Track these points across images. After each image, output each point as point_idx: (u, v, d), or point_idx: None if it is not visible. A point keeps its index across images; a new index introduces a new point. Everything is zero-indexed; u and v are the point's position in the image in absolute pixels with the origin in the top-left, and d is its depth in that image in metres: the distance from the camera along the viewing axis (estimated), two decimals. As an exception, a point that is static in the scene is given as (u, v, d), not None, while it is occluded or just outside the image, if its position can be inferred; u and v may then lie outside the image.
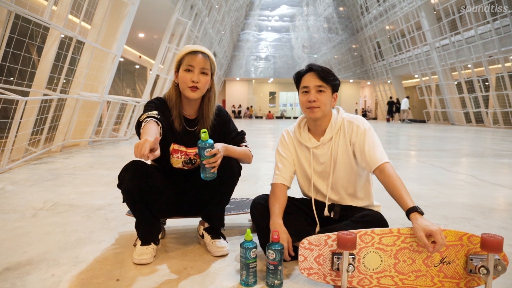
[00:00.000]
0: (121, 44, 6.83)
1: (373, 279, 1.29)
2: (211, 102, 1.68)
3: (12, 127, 3.89)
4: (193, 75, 1.56)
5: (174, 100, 1.63)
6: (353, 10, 27.06)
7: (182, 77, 1.58)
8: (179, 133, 1.65)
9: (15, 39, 3.98)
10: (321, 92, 1.55)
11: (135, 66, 19.51)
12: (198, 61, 1.57)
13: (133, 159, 1.51)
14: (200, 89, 1.59)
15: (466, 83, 16.19)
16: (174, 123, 1.64)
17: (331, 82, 1.57)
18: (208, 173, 1.47)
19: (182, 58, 1.59)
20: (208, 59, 1.60)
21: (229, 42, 25.54)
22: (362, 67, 27.79)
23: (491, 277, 1.18)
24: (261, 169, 4.02)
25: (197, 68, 1.57)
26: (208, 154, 1.43)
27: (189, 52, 1.58)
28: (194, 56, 1.57)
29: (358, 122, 1.58)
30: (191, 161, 1.67)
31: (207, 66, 1.59)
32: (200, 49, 1.59)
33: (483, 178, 3.57)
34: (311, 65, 1.60)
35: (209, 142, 1.43)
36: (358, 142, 1.54)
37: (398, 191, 1.38)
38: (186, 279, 1.39)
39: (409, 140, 8.68)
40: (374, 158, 1.48)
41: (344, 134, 1.59)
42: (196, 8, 12.42)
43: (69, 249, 1.67)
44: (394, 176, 1.42)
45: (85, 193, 2.80)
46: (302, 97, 1.60)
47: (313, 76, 1.56)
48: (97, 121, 6.62)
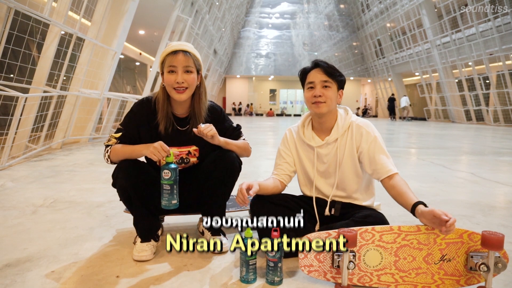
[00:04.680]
0: (122, 41, 6.82)
1: (373, 276, 1.29)
2: (202, 99, 1.63)
3: (12, 124, 3.89)
4: (177, 76, 1.51)
5: (161, 103, 1.59)
6: (354, 7, 26.98)
7: (166, 80, 1.54)
8: (169, 134, 1.62)
9: (14, 35, 3.97)
10: (326, 87, 1.54)
11: (135, 63, 19.49)
12: (180, 60, 1.51)
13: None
14: (189, 88, 1.55)
15: (466, 81, 16.16)
16: (159, 126, 1.60)
17: (336, 78, 1.56)
18: (164, 200, 1.43)
19: (164, 60, 1.54)
20: (191, 57, 1.53)
21: (230, 39, 25.48)
22: (362, 64, 27.73)
23: (491, 274, 1.18)
24: (261, 167, 4.02)
25: (180, 67, 1.51)
26: (165, 176, 1.41)
27: (170, 53, 1.52)
28: (175, 56, 1.51)
29: (368, 128, 1.56)
30: (183, 161, 1.66)
31: (190, 63, 1.53)
32: (180, 48, 1.53)
33: (483, 176, 3.57)
34: (317, 61, 1.58)
35: (171, 166, 1.41)
36: (368, 150, 1.53)
37: (406, 192, 1.38)
38: (186, 276, 1.39)
39: (409, 138, 8.67)
40: (385, 168, 1.48)
41: (351, 137, 1.57)
42: (197, 5, 12.39)
43: (69, 246, 1.67)
44: (402, 181, 1.44)
45: (85, 190, 2.80)
46: (307, 93, 1.58)
47: (319, 72, 1.55)
48: (97, 118, 6.62)
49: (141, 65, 19.84)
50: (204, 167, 1.69)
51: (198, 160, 1.69)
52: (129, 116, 1.61)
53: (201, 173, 1.68)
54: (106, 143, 1.57)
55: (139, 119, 1.59)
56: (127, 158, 1.53)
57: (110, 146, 1.56)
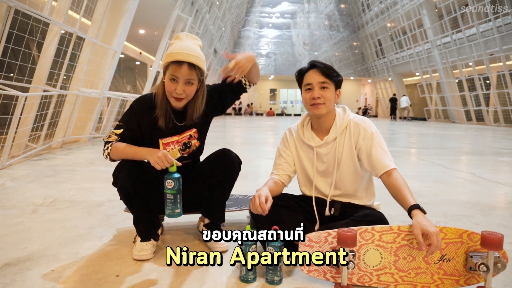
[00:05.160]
0: (122, 40, 6.82)
1: (373, 276, 1.29)
2: (202, 99, 1.62)
3: (12, 123, 3.89)
4: (177, 86, 1.50)
5: (160, 99, 1.58)
6: (354, 7, 26.96)
7: (167, 85, 1.53)
8: (169, 128, 1.62)
9: (14, 34, 3.97)
10: (324, 88, 1.54)
11: (135, 63, 19.49)
12: (183, 73, 1.48)
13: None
14: (185, 99, 1.55)
15: (467, 81, 16.16)
16: (158, 121, 1.59)
17: (334, 78, 1.55)
18: (168, 209, 1.44)
19: (167, 65, 1.51)
20: (195, 70, 1.50)
21: (230, 39, 25.48)
22: (363, 64, 27.72)
23: (490, 274, 1.18)
24: (261, 166, 4.02)
25: (182, 79, 1.49)
26: (168, 186, 1.42)
27: (174, 62, 1.48)
28: (179, 67, 1.47)
29: (365, 125, 1.56)
30: (187, 146, 1.66)
31: (192, 76, 1.51)
32: (187, 59, 1.47)
33: (483, 176, 3.57)
34: (313, 62, 1.58)
35: (174, 176, 1.42)
36: (365, 146, 1.52)
37: (402, 191, 1.37)
38: (186, 275, 1.39)
39: (410, 138, 8.67)
40: (382, 163, 1.47)
41: (350, 135, 1.57)
42: (197, 4, 12.39)
43: (69, 245, 1.67)
44: (400, 179, 1.42)
45: (85, 189, 2.80)
46: (305, 94, 1.57)
47: (316, 73, 1.54)
48: (97, 118, 6.62)
49: (141, 64, 19.83)
50: (204, 167, 1.69)
51: (199, 142, 1.70)
52: (129, 112, 1.60)
53: (201, 173, 1.68)
54: (106, 139, 1.55)
55: (139, 115, 1.59)
56: (128, 159, 1.53)
57: (110, 142, 1.54)
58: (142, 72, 20.55)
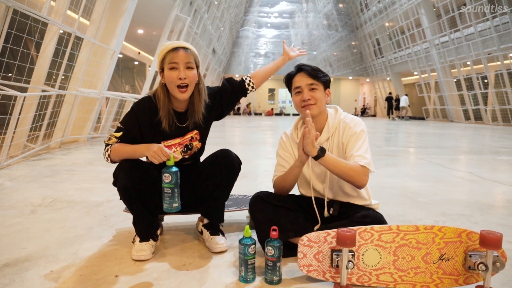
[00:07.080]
0: (120, 40, 6.81)
1: (372, 276, 1.29)
2: (202, 95, 1.64)
3: (11, 123, 3.88)
4: (179, 72, 1.52)
5: (162, 101, 1.59)
6: (353, 7, 26.99)
7: (168, 77, 1.54)
8: (172, 131, 1.63)
9: (13, 34, 3.96)
10: (313, 90, 1.58)
11: (134, 63, 19.45)
12: (181, 56, 1.52)
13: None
14: (190, 85, 1.56)
15: (465, 80, 16.18)
16: (161, 123, 1.60)
17: (321, 79, 1.59)
18: (166, 203, 1.44)
19: (164, 57, 1.55)
20: (191, 53, 1.55)
21: (228, 39, 25.46)
22: (361, 64, 27.75)
23: (489, 273, 1.18)
24: (261, 166, 4.02)
25: (182, 64, 1.53)
26: (166, 180, 1.41)
27: (170, 50, 1.53)
28: (176, 52, 1.52)
29: (352, 123, 1.58)
30: (188, 148, 1.67)
31: (191, 59, 1.54)
32: (180, 45, 1.54)
33: (482, 175, 3.58)
34: (300, 65, 1.62)
35: (171, 170, 1.42)
36: (348, 143, 1.56)
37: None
38: (185, 275, 1.39)
39: (408, 137, 8.68)
40: (354, 157, 1.49)
41: (339, 135, 1.60)
42: (195, 4, 12.38)
43: (68, 245, 1.67)
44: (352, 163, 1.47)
45: (84, 189, 2.80)
46: (295, 97, 1.61)
47: (303, 76, 1.59)
48: (96, 118, 6.61)
49: (139, 64, 19.80)
50: (204, 167, 1.69)
51: (201, 143, 1.72)
52: (129, 115, 1.61)
53: (201, 174, 1.68)
54: (106, 142, 1.57)
55: (140, 118, 1.59)
56: (128, 158, 1.54)
57: (110, 145, 1.56)
58: (141, 72, 20.51)
